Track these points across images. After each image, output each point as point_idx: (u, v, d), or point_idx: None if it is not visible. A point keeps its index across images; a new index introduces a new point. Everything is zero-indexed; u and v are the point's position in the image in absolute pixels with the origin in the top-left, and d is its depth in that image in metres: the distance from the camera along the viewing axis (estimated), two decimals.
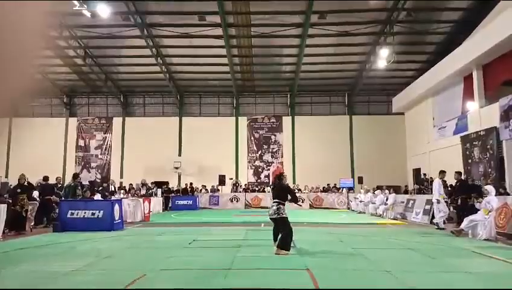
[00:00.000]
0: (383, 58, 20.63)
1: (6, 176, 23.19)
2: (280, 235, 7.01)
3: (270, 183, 26.60)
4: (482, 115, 16.54)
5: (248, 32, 20.79)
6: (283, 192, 7.42)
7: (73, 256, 6.87)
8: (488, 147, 15.72)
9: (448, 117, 19.75)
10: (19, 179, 10.96)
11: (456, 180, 12.23)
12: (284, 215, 7.12)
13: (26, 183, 11.05)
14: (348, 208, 21.48)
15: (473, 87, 17.24)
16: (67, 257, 6.77)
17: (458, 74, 18.07)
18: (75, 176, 12.84)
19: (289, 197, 7.39)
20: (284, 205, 7.25)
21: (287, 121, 27.90)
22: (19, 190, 10.58)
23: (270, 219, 7.29)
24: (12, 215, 9.82)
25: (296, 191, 24.03)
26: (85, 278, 5.14)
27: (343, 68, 24.75)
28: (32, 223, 11.74)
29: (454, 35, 20.28)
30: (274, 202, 7.27)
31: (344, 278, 5.18)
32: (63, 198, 12.37)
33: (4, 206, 9.34)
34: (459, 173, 12.24)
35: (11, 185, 14.09)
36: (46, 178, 12.95)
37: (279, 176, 7.73)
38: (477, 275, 5.37)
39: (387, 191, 16.99)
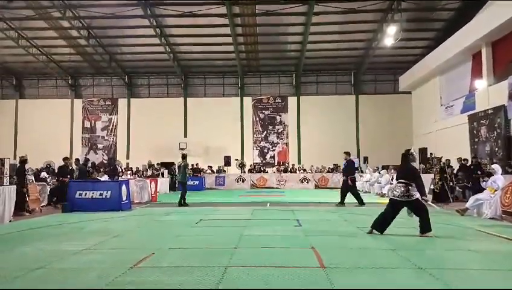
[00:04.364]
0: (390, 36, 20.26)
1: (14, 158, 23.42)
2: (420, 218, 6.53)
3: (276, 163, 26.72)
4: (490, 93, 16.30)
5: (252, 11, 20.44)
6: (410, 174, 6.65)
7: (83, 235, 7.01)
8: (496, 125, 15.57)
9: (456, 96, 19.51)
10: (25, 160, 10.96)
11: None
12: (416, 197, 6.43)
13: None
14: None
15: (482, 65, 16.94)
16: (77, 237, 6.91)
17: (467, 51, 17.73)
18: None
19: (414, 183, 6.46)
20: (412, 186, 6.49)
21: (292, 101, 27.73)
22: (28, 172, 10.69)
23: (392, 200, 6.71)
24: (19, 197, 9.91)
25: (302, 171, 24.14)
26: (95, 256, 5.26)
27: (350, 46, 24.37)
28: (43, 204, 11.99)
29: (463, 11, 19.76)
30: (400, 183, 6.60)
31: (349, 256, 5.25)
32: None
33: (14, 188, 9.47)
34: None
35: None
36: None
37: (406, 154, 6.99)
38: (481, 254, 5.41)
39: (393, 170, 16.96)
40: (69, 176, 12.30)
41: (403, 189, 6.54)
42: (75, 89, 28.79)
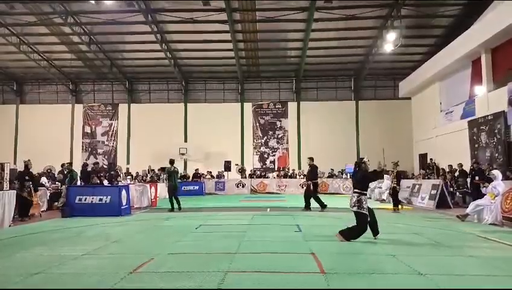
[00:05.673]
0: (390, 42, 20.30)
1: (15, 163, 23.45)
2: (352, 226, 6.70)
3: (276, 168, 26.70)
4: (489, 99, 16.33)
5: (253, 17, 20.53)
6: (364, 180, 6.84)
7: (83, 240, 7.00)
8: (496, 131, 15.59)
9: (456, 101, 19.54)
10: (26, 165, 11.02)
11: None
12: (364, 212, 6.56)
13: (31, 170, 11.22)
14: None
15: (481, 71, 16.98)
16: (77, 242, 6.90)
17: (466, 57, 17.78)
18: (70, 165, 14.73)
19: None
20: (365, 195, 6.70)
21: (292, 106, 27.77)
22: (27, 177, 10.69)
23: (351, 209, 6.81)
24: (20, 202, 9.95)
25: (302, 176, 24.08)
26: (94, 261, 5.26)
27: (350, 53, 24.43)
28: (43, 209, 11.98)
29: (462, 18, 19.86)
30: (354, 192, 6.74)
31: (349, 262, 5.24)
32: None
33: (13, 193, 9.47)
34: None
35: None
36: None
37: (359, 162, 7.04)
38: (482, 259, 5.40)
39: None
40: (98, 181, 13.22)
41: (355, 199, 6.69)
42: (76, 94, 28.84)
